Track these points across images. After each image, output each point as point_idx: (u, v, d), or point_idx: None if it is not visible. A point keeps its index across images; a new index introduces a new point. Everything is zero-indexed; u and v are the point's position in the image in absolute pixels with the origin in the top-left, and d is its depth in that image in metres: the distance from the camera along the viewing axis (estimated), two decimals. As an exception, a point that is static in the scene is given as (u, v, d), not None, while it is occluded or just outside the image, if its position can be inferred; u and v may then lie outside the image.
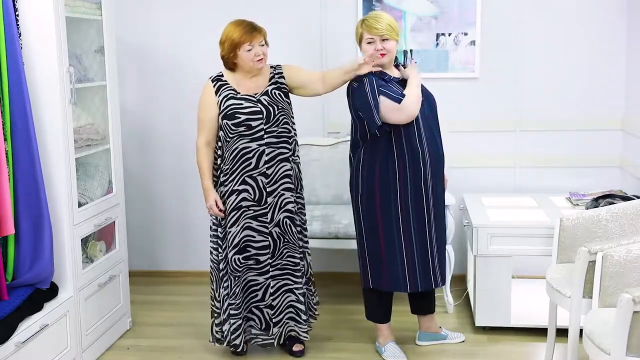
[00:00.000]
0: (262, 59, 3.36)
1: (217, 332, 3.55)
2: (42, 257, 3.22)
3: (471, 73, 4.43)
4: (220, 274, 3.48)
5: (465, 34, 4.42)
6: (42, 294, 3.26)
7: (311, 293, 3.66)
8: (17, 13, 3.19)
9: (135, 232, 4.70)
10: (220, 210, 3.40)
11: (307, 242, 3.63)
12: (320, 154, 4.43)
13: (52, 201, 3.31)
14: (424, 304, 3.68)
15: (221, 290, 3.48)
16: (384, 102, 3.26)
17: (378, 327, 3.61)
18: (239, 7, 4.46)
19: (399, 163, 3.32)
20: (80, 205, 3.50)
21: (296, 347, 3.62)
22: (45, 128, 3.28)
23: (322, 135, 4.58)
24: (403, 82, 3.38)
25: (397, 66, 3.48)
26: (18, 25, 3.19)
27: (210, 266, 3.56)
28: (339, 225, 4.05)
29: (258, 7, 4.49)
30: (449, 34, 4.43)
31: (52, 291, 3.33)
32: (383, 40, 3.30)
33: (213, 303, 3.57)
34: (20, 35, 3.20)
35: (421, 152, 3.31)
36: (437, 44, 4.43)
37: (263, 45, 3.37)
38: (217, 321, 3.54)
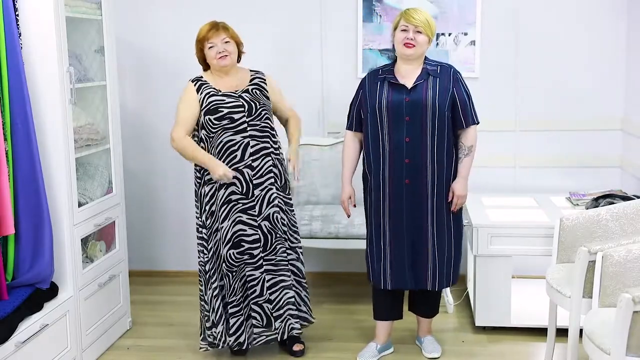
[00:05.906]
0: (224, 56, 3.38)
1: (209, 335, 3.49)
2: (42, 257, 3.22)
3: (471, 73, 4.42)
4: (207, 276, 3.46)
5: (465, 34, 4.42)
6: (42, 293, 3.25)
7: (307, 294, 3.66)
8: (17, 13, 3.19)
9: (135, 232, 4.70)
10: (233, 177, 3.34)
11: (300, 242, 3.62)
12: (320, 154, 4.43)
13: (52, 201, 3.31)
14: (419, 306, 3.65)
15: (209, 292, 3.45)
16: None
17: (376, 326, 3.61)
18: (238, 7, 4.46)
19: (383, 162, 3.34)
20: (80, 205, 3.50)
21: (296, 347, 3.62)
22: (45, 128, 3.28)
23: (322, 135, 4.58)
24: (405, 89, 3.30)
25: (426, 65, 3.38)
26: (18, 25, 3.19)
27: (199, 269, 3.54)
28: (339, 225, 4.05)
29: (258, 8, 4.49)
30: (449, 34, 4.43)
31: (52, 291, 3.33)
32: (417, 32, 3.29)
33: (203, 305, 3.52)
34: (20, 35, 3.20)
35: (389, 158, 3.31)
36: (437, 44, 4.43)
37: (227, 42, 3.38)
38: (208, 324, 3.48)
